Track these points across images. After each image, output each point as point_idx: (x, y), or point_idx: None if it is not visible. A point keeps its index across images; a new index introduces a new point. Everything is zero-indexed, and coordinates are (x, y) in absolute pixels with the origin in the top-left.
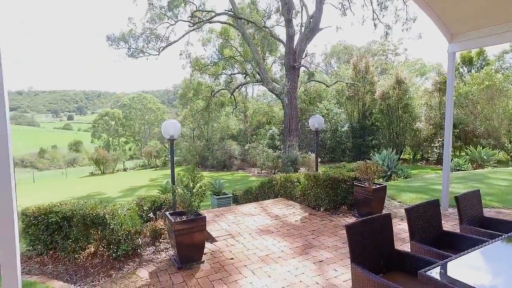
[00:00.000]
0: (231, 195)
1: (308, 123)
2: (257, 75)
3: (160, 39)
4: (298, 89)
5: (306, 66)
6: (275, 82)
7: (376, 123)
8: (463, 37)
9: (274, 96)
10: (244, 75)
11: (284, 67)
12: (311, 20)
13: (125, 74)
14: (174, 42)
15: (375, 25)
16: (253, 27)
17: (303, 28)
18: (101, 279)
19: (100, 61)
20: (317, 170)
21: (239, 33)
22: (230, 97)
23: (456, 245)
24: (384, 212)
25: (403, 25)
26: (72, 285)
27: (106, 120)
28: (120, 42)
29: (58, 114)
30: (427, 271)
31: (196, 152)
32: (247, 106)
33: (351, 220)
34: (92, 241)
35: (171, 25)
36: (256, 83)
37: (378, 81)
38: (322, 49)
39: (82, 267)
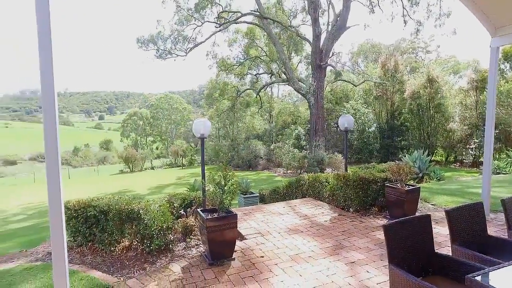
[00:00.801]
0: (257, 194)
1: (334, 123)
2: (283, 74)
3: (188, 40)
4: (324, 89)
5: (333, 65)
6: (301, 82)
7: (406, 124)
8: (508, 30)
9: (300, 96)
10: (270, 75)
11: (310, 67)
12: (338, 18)
13: (152, 75)
14: (201, 43)
15: (405, 22)
16: (278, 27)
17: (329, 27)
18: (136, 272)
19: (129, 63)
20: (346, 170)
21: (265, 33)
22: (256, 97)
23: (505, 252)
24: (417, 214)
25: (435, 20)
26: (110, 275)
27: (134, 119)
28: (149, 44)
29: (90, 114)
30: (475, 276)
31: (221, 151)
32: (272, 106)
33: (382, 222)
34: (126, 235)
35: (198, 26)
36: (282, 83)
37: (408, 80)
38: (349, 48)
39: (118, 259)
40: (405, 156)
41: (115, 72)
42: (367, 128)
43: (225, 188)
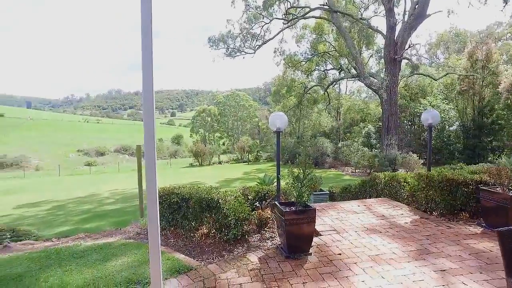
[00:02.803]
0: (327, 192)
1: (408, 121)
2: (353, 70)
3: (256, 38)
4: (398, 84)
5: (409, 58)
6: (373, 77)
7: (499, 122)
8: None
9: (370, 93)
10: (339, 70)
11: (383, 61)
12: (416, 6)
13: (220, 73)
14: (269, 40)
15: (505, 1)
16: (348, 20)
17: (406, 17)
18: (215, 258)
19: (198, 63)
20: (429, 170)
21: (334, 28)
22: (324, 94)
23: None
24: None
25: None
26: (192, 259)
27: (203, 116)
28: (220, 43)
29: (163, 111)
30: None
31: (287, 148)
32: (340, 102)
33: (476, 229)
34: (205, 222)
35: (266, 23)
36: (352, 79)
37: (506, 71)
38: (426, 38)
39: (198, 245)
40: (500, 158)
41: (185, 71)
42: (447, 127)
43: (304, 182)
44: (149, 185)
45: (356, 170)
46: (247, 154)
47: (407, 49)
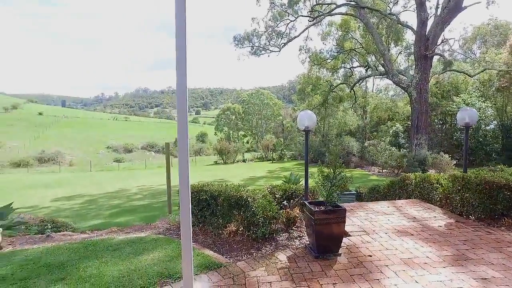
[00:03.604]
0: (354, 192)
1: (439, 120)
2: (381, 67)
3: (281, 36)
4: (429, 81)
5: (441, 54)
6: (402, 74)
7: None
8: None
9: (398, 90)
10: (366, 68)
11: (412, 57)
12: None
13: (244, 72)
14: (295, 37)
15: None
16: (376, 16)
17: (439, 10)
18: (244, 256)
19: (223, 61)
20: (465, 171)
21: (361, 24)
22: (350, 92)
23: None
24: None
25: None
26: (221, 255)
27: (227, 114)
28: (245, 42)
29: (188, 109)
30: None
31: (312, 147)
32: (367, 101)
33: None
34: (233, 220)
35: (291, 21)
36: (379, 76)
37: None
38: (461, 33)
39: (226, 242)
40: None
41: (210, 70)
42: (483, 126)
43: (334, 181)
44: (182, 183)
45: (383, 170)
46: (271, 152)
47: (439, 45)
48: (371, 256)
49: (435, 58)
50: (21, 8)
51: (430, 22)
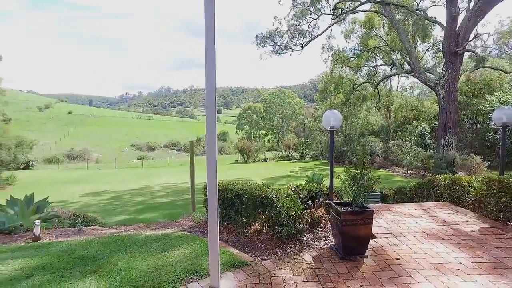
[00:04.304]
0: (379, 193)
1: (469, 120)
2: (406, 65)
3: (303, 34)
4: (458, 79)
5: (473, 50)
6: (429, 72)
7: None
8: None
9: (425, 89)
10: (391, 66)
11: (441, 54)
12: None
13: (265, 71)
14: (317, 36)
15: None
16: (401, 12)
17: (471, 4)
18: (268, 255)
19: (244, 60)
20: (501, 173)
21: (385, 21)
22: (374, 91)
23: None
24: None
25: None
26: (245, 254)
27: (248, 113)
28: (267, 41)
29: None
30: None
31: (334, 147)
32: (391, 100)
33: None
34: (258, 219)
35: (314, 19)
36: (405, 74)
37: None
38: (496, 26)
39: (251, 241)
40: None
41: (231, 69)
42: None
43: (361, 182)
44: (210, 182)
45: (408, 171)
46: (292, 151)
47: (471, 40)
48: (399, 259)
49: (466, 54)
50: (54, 13)
51: (461, 17)
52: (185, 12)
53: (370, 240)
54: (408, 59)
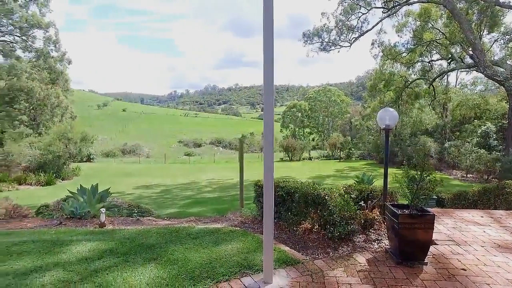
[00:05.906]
0: (435, 196)
1: None
2: (468, 58)
3: (352, 30)
4: None
5: None
6: (498, 66)
7: None
8: None
9: (490, 85)
10: (449, 60)
11: None
12: None
13: (311, 68)
14: (367, 31)
15: None
16: (465, 0)
17: None
18: (320, 254)
19: (289, 57)
20: None
21: (444, 12)
22: (429, 88)
23: None
24: None
25: None
26: (297, 252)
27: (293, 111)
28: (314, 38)
29: (254, 106)
30: None
31: (383, 146)
32: (448, 97)
33: None
34: (308, 217)
35: (363, 14)
36: (466, 69)
37: None
38: None
39: (301, 239)
40: None
41: (276, 67)
42: None
43: (421, 184)
44: (266, 180)
45: (468, 175)
46: (338, 151)
47: None
48: (465, 270)
49: None
50: (117, 19)
51: None
52: (235, 12)
53: (431, 246)
54: (470, 52)
